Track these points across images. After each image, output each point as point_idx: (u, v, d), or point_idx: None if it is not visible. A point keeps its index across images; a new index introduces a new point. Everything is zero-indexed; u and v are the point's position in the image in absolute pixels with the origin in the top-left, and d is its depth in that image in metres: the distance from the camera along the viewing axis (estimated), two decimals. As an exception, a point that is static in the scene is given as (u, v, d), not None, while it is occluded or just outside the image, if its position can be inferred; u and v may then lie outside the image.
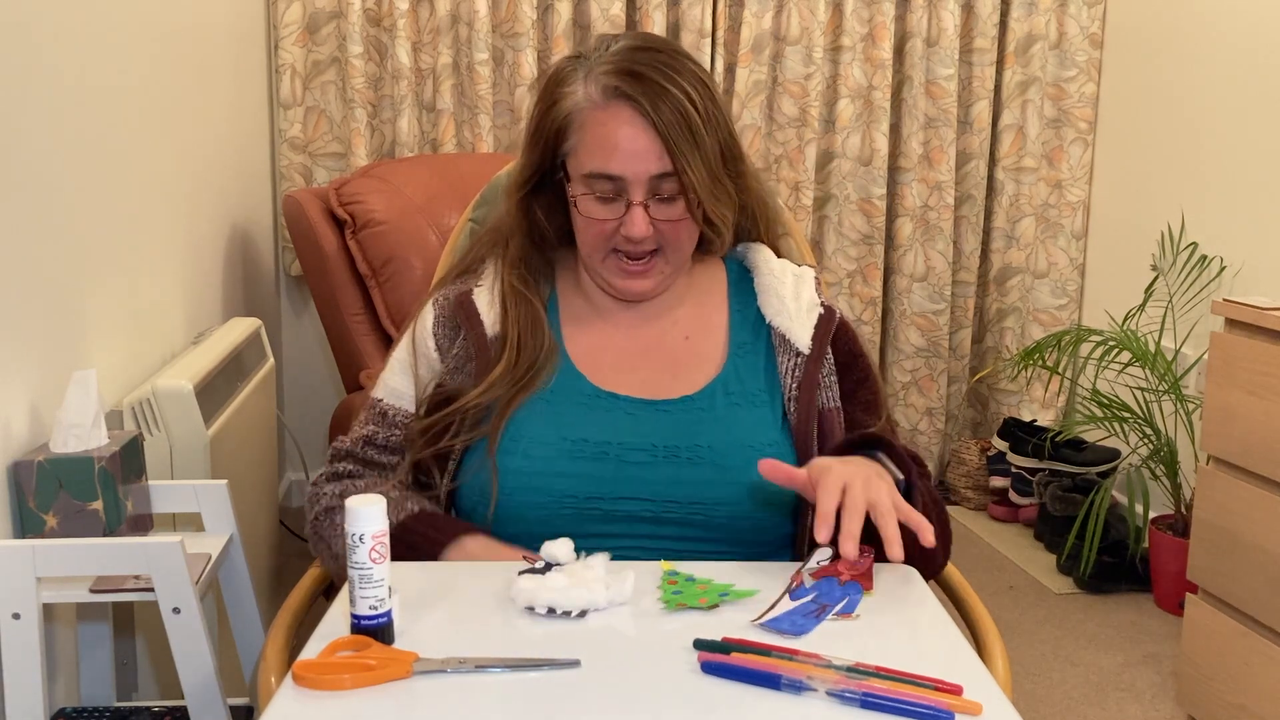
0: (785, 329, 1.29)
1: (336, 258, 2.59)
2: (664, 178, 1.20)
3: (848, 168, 3.33)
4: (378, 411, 1.32)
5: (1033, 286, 3.45)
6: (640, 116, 1.19)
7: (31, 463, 1.35)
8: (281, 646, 1.10)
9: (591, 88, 1.21)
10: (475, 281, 1.33)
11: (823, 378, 1.28)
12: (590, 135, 1.21)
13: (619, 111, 1.19)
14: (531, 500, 1.20)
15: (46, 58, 1.51)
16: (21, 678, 1.27)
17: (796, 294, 1.31)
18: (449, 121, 3.09)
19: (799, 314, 1.30)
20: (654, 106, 1.18)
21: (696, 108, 1.19)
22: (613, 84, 1.20)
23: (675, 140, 1.18)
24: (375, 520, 0.94)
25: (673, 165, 1.19)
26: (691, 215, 1.23)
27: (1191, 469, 2.67)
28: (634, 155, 1.19)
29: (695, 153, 1.19)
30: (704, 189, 1.20)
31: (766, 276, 1.33)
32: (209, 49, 2.42)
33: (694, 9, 3.14)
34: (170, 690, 1.67)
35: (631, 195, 1.20)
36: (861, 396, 1.31)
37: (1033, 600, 2.76)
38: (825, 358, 1.29)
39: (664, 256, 1.25)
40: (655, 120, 1.18)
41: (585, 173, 1.21)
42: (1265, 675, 1.96)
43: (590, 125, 1.21)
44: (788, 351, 1.28)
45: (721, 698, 0.88)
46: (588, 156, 1.21)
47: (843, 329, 1.33)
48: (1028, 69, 3.33)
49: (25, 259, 1.43)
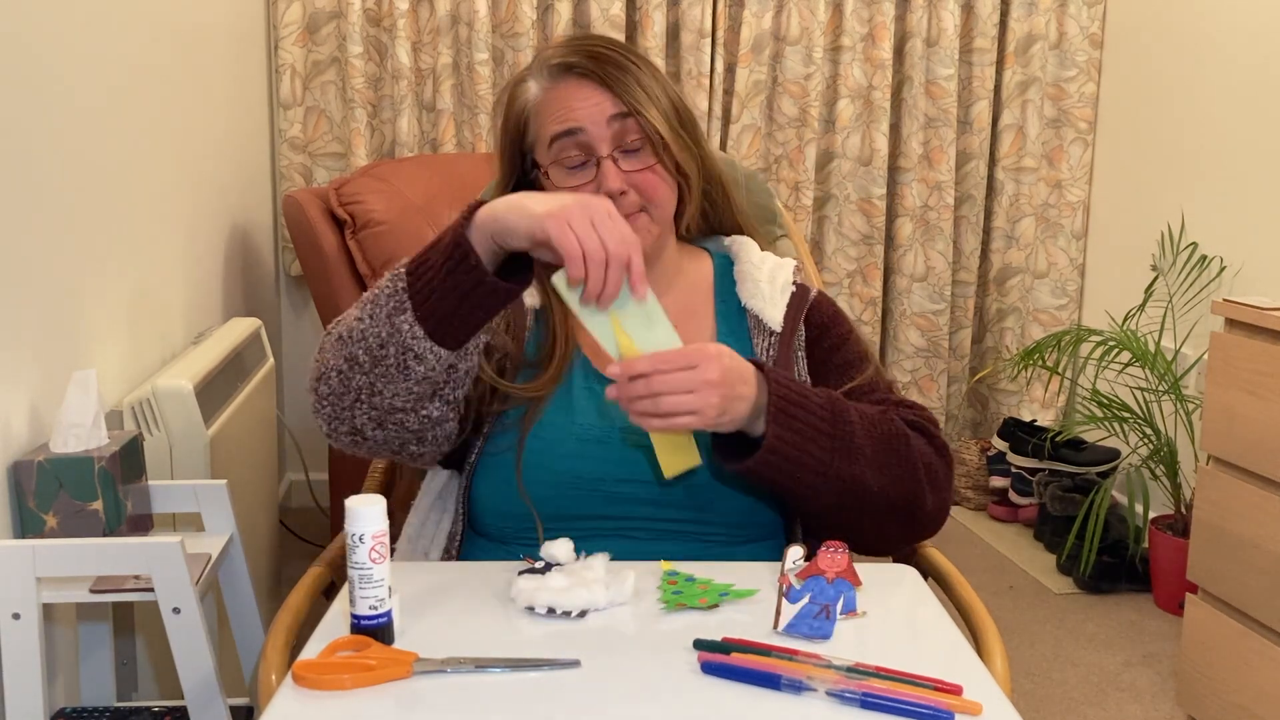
0: (759, 310, 1.30)
1: (336, 258, 2.59)
2: (623, 119, 1.22)
3: (848, 168, 3.33)
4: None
5: (1033, 286, 3.45)
6: (588, 79, 1.23)
7: (31, 463, 1.35)
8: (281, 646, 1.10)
9: (540, 77, 1.26)
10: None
11: (795, 354, 1.29)
12: (546, 110, 1.24)
13: (568, 81, 1.24)
14: (540, 478, 1.20)
15: (46, 58, 1.51)
16: (21, 678, 1.27)
17: (772, 278, 1.33)
18: (449, 121, 3.09)
19: (773, 296, 1.31)
20: (601, 69, 1.22)
21: (647, 70, 1.25)
22: (558, 63, 1.24)
23: (626, 86, 1.22)
24: (375, 520, 0.94)
25: (628, 107, 1.21)
26: (660, 160, 1.24)
27: (1191, 469, 2.67)
28: (588, 106, 1.22)
29: (647, 98, 1.23)
30: (665, 130, 1.23)
31: (745, 265, 1.34)
32: (209, 49, 2.42)
33: (694, 9, 3.14)
34: (170, 690, 1.67)
35: (598, 150, 1.22)
36: (836, 360, 1.30)
37: (1033, 600, 2.76)
38: (798, 334, 1.30)
39: (648, 214, 1.25)
40: (602, 76, 1.22)
41: (549, 142, 1.23)
42: (1265, 675, 1.96)
43: (544, 104, 1.25)
44: (762, 332, 1.29)
45: (721, 698, 0.88)
46: (546, 128, 1.24)
47: (818, 304, 1.33)
48: (1028, 69, 3.33)
49: (25, 259, 1.43)
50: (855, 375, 1.28)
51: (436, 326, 1.09)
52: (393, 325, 1.09)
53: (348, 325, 1.13)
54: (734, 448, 1.13)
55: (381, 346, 1.09)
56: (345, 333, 1.13)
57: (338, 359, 1.13)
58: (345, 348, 1.12)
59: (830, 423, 1.13)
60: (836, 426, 1.13)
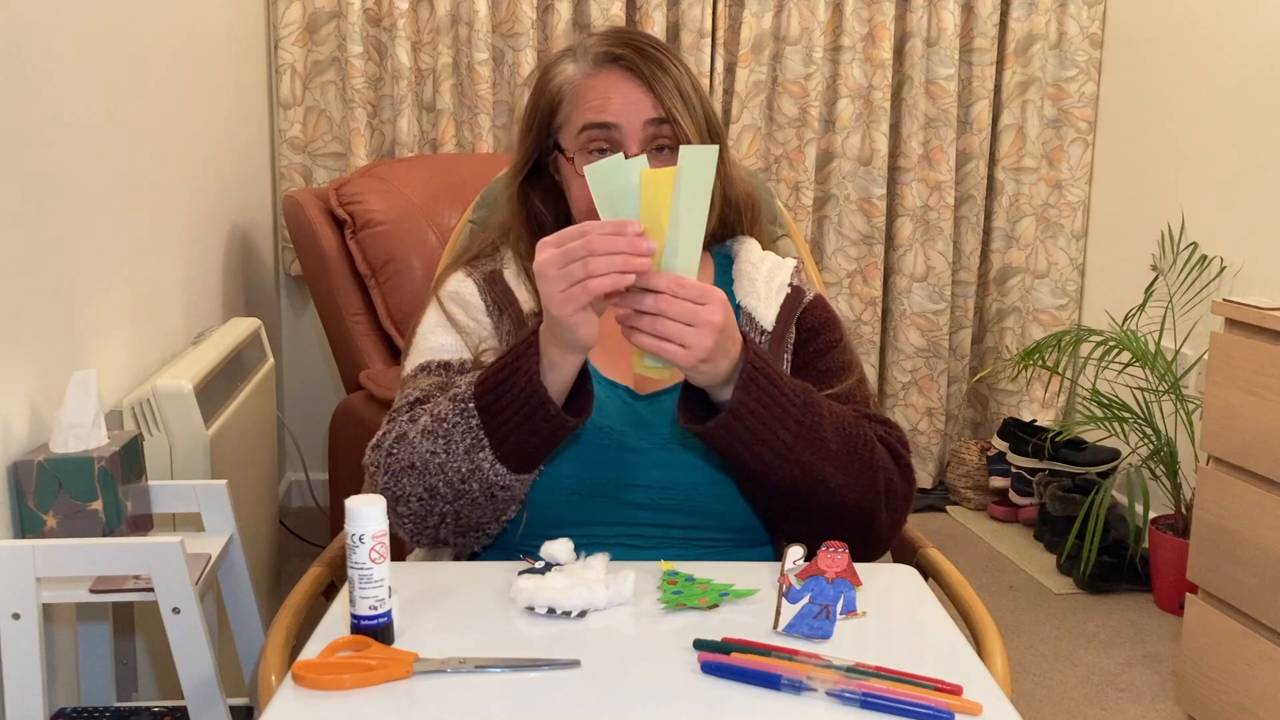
0: (752, 309, 1.29)
1: (336, 258, 2.59)
2: (659, 124, 1.22)
3: (848, 168, 3.33)
4: (438, 364, 1.26)
5: (1033, 286, 3.45)
6: (633, 74, 1.23)
7: (31, 463, 1.35)
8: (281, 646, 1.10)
9: (583, 62, 1.25)
10: (498, 264, 1.33)
11: (784, 355, 1.28)
12: (582, 97, 1.24)
13: (611, 72, 1.23)
14: (542, 483, 1.20)
15: (46, 58, 1.51)
16: (21, 678, 1.27)
17: (769, 278, 1.32)
18: (449, 121, 3.09)
19: (768, 295, 1.30)
20: (646, 66, 1.22)
21: (686, 76, 1.24)
22: (604, 52, 1.24)
23: (667, 90, 1.22)
24: (375, 520, 0.94)
25: (666, 113, 1.21)
26: None
27: (1191, 469, 2.67)
28: (627, 104, 1.22)
29: (686, 108, 1.22)
30: (696, 139, 1.23)
31: (744, 263, 1.34)
32: (209, 49, 2.42)
33: (694, 9, 3.14)
34: (170, 690, 1.67)
35: (627, 148, 1.21)
36: (820, 365, 1.29)
37: (1033, 600, 2.76)
38: (789, 336, 1.29)
39: None
40: (647, 74, 1.22)
41: (579, 128, 1.23)
42: (1265, 675, 1.96)
43: (582, 90, 1.24)
44: (755, 330, 1.28)
45: (721, 698, 0.88)
46: (580, 115, 1.23)
47: (812, 307, 1.32)
48: (1028, 69, 3.33)
49: (25, 259, 1.43)
50: (836, 383, 1.27)
51: (520, 463, 1.11)
52: (473, 462, 1.11)
53: (419, 455, 1.13)
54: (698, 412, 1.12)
55: (463, 481, 1.12)
56: (419, 462, 1.13)
57: (416, 487, 1.14)
58: (423, 479, 1.13)
59: (800, 408, 1.12)
60: (805, 413, 1.12)
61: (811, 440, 1.12)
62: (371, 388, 2.44)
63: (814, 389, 1.16)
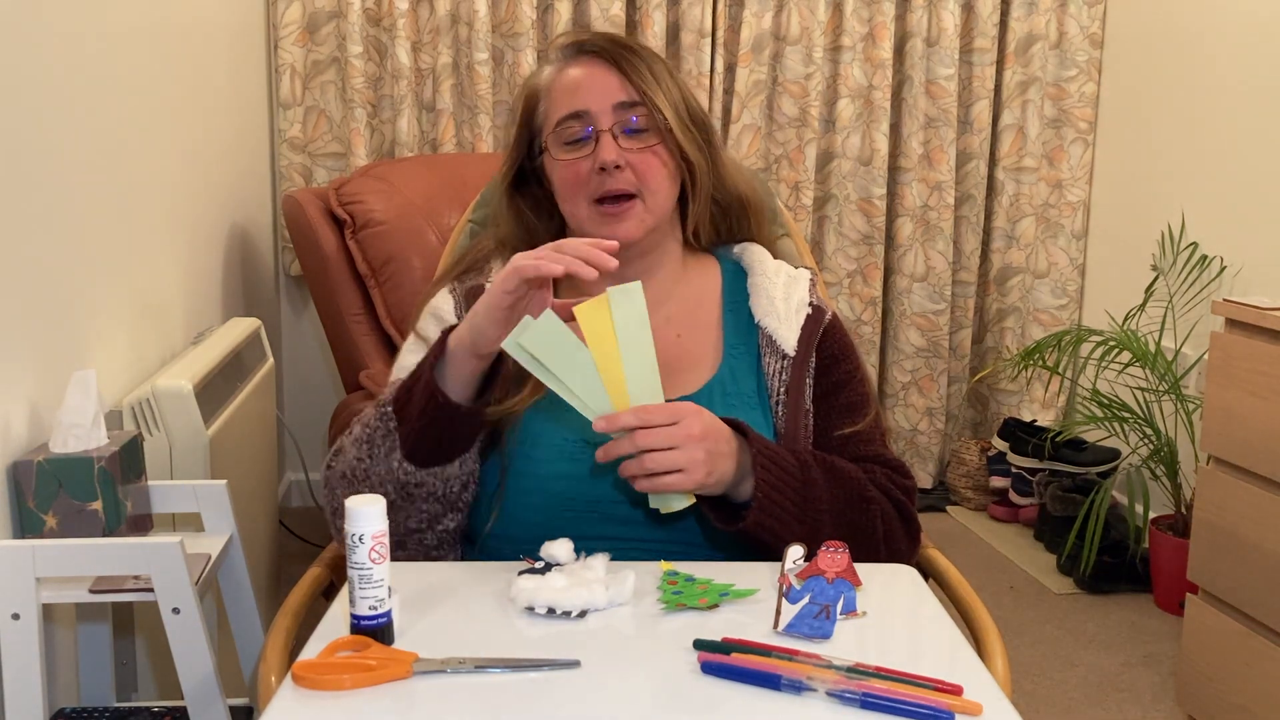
0: (773, 330, 1.28)
1: (336, 258, 2.58)
2: (630, 107, 1.23)
3: (848, 168, 3.33)
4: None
5: (1033, 286, 3.45)
6: (600, 58, 1.24)
7: (31, 463, 1.34)
8: (281, 646, 1.10)
9: (556, 59, 1.28)
10: (484, 278, 1.33)
11: (807, 380, 1.27)
12: (555, 90, 1.26)
13: (580, 61, 1.26)
14: (532, 502, 1.20)
15: (46, 57, 1.51)
16: (21, 678, 1.27)
17: (787, 295, 1.31)
18: (449, 121, 3.09)
19: (788, 315, 1.29)
20: (613, 48, 1.24)
21: (655, 60, 1.26)
22: (572, 43, 1.26)
23: (638, 71, 1.23)
24: (375, 520, 0.94)
25: (638, 95, 1.23)
26: (664, 143, 1.24)
27: (1191, 469, 2.67)
28: (596, 89, 1.23)
29: (658, 87, 1.24)
30: (671, 118, 1.24)
31: (760, 277, 1.33)
32: (208, 49, 2.42)
33: (694, 9, 3.14)
34: (170, 690, 1.67)
35: (599, 125, 1.22)
36: (841, 400, 1.28)
37: (1033, 600, 2.76)
38: (810, 360, 1.28)
39: (642, 201, 1.25)
40: (614, 56, 1.24)
41: (555, 123, 1.25)
42: (1265, 675, 1.96)
43: (555, 85, 1.26)
44: (775, 354, 1.27)
45: (721, 698, 0.88)
46: (555, 108, 1.25)
47: (831, 330, 1.31)
48: (1028, 69, 3.33)
49: (26, 259, 1.42)
50: (855, 420, 1.27)
51: (428, 457, 1.14)
52: (388, 465, 1.14)
53: (349, 464, 1.18)
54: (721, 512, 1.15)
55: (382, 485, 1.15)
56: (348, 471, 1.18)
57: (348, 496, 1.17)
58: (352, 487, 1.17)
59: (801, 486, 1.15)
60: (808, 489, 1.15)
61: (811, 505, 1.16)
62: (371, 387, 2.44)
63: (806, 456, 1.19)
